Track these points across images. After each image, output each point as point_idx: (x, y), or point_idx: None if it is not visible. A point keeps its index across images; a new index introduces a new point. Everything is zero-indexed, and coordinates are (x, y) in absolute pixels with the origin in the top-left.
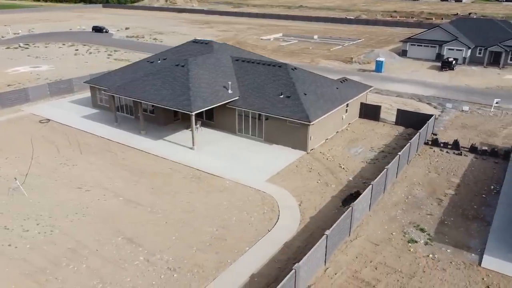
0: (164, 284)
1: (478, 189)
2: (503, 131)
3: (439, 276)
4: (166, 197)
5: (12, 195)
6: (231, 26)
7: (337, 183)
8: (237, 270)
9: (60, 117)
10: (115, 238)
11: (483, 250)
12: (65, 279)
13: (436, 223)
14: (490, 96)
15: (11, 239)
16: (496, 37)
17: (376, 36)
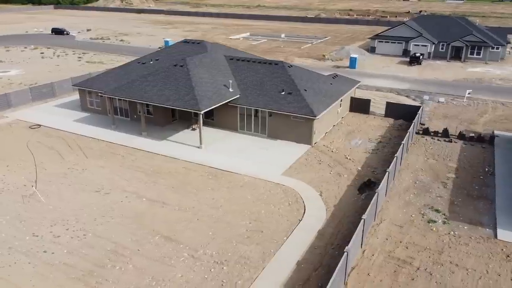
0: (216, 276)
1: (474, 171)
2: (480, 119)
3: (464, 250)
4: (190, 195)
5: (28, 201)
6: (195, 26)
7: (348, 173)
8: (282, 259)
9: (50, 122)
10: (153, 237)
11: (495, 225)
12: (116, 279)
13: (448, 204)
14: (458, 88)
15: (45, 245)
16: (457, 33)
17: (340, 34)
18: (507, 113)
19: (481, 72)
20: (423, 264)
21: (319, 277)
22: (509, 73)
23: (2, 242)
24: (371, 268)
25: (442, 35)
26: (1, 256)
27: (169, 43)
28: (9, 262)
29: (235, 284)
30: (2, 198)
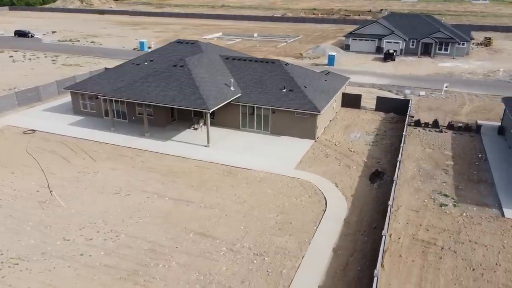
0: (260, 267)
1: (469, 158)
2: (462, 110)
3: (478, 229)
4: (211, 192)
5: (48, 207)
6: (164, 26)
7: (356, 164)
8: (318, 247)
9: (44, 127)
10: (187, 235)
11: (500, 205)
12: (163, 276)
13: (453, 189)
14: (433, 82)
15: (79, 249)
16: (425, 31)
17: (311, 32)
18: (484, 104)
19: (451, 66)
20: (446, 243)
21: (357, 261)
22: (475, 67)
23: (33, 248)
24: (401, 250)
25: (412, 32)
26: (37, 262)
27: (144, 44)
28: (47, 267)
29: (280, 273)
30: (18, 205)
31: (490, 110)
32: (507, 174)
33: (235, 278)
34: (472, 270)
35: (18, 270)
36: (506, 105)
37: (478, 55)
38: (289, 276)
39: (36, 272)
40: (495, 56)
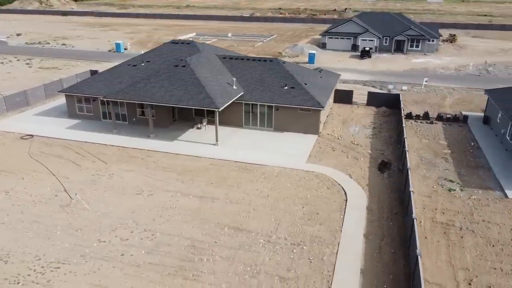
0: (301, 256)
1: (463, 146)
2: (445, 102)
3: (488, 210)
4: (233, 188)
5: (72, 211)
6: (134, 27)
7: (362, 156)
8: (350, 234)
9: (42, 131)
10: (222, 230)
11: (501, 188)
12: (211, 270)
13: (456, 175)
14: (411, 77)
15: (118, 249)
16: (397, 28)
17: (284, 32)
18: (463, 97)
19: (424, 62)
20: (463, 224)
21: (388, 245)
22: (446, 62)
23: (70, 251)
24: (425, 232)
25: (385, 30)
26: (79, 265)
27: (120, 45)
28: (91, 269)
29: (321, 259)
30: (39, 210)
31: (470, 102)
32: (500, 159)
33: (280, 267)
34: (492, 246)
35: (62, 273)
36: (490, 96)
37: (446, 51)
38: (330, 262)
39: (81, 275)
40: (462, 52)
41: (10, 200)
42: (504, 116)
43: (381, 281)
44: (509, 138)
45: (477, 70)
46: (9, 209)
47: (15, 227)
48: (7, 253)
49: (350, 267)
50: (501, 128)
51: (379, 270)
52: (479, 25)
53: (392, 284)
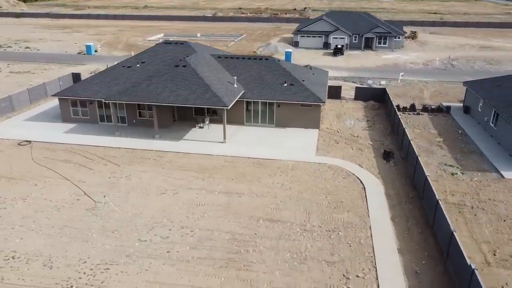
0: (339, 240)
1: (452, 134)
2: (423, 95)
3: (491, 190)
4: (255, 183)
5: (101, 214)
6: (98, 29)
7: (365, 147)
8: (377, 218)
9: (39, 137)
10: (257, 222)
11: (497, 170)
12: (260, 259)
13: (454, 160)
14: (384, 72)
15: (162, 247)
16: (366, 26)
17: (252, 31)
18: (438, 89)
19: (393, 58)
20: (473, 203)
21: (414, 226)
22: (413, 57)
23: (113, 253)
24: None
25: (354, 28)
26: (128, 264)
27: (91, 48)
28: (142, 267)
29: (359, 243)
30: (66, 215)
31: (445, 94)
32: (489, 144)
33: (324, 252)
34: (504, 221)
35: (113, 274)
36: (469, 88)
37: (410, 47)
38: (368, 244)
39: (133, 274)
40: (425, 48)
41: (30, 206)
42: (486, 104)
43: (418, 258)
44: (493, 125)
45: (443, 64)
46: (33, 215)
47: (47, 233)
48: (49, 259)
49: (387, 248)
50: (483, 116)
51: (413, 248)
52: (434, 22)
53: (428, 260)
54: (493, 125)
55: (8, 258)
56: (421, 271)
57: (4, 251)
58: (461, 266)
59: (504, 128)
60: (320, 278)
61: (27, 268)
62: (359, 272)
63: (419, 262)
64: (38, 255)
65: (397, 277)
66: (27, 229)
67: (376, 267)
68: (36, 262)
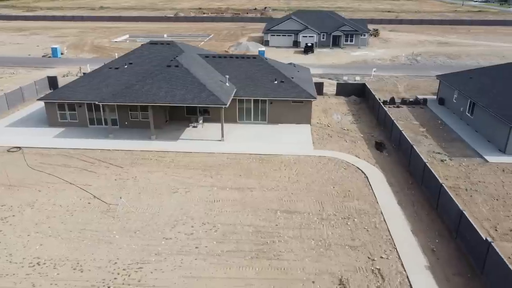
0: (356, 226)
1: (433, 125)
2: (398, 89)
3: (479, 173)
4: (263, 178)
5: (117, 216)
6: (58, 31)
7: (357, 139)
8: (386, 204)
9: (29, 143)
10: (275, 214)
11: (480, 155)
12: (288, 248)
13: (440, 148)
14: (355, 68)
15: (189, 243)
16: (333, 25)
17: (219, 31)
18: (410, 83)
19: (361, 55)
20: (466, 186)
21: (420, 208)
22: (380, 54)
23: (142, 252)
24: None
25: (322, 27)
26: (160, 262)
27: (57, 50)
28: (175, 264)
29: (375, 227)
30: (81, 219)
31: (417, 87)
32: (467, 132)
33: (345, 237)
34: (497, 200)
35: (148, 272)
36: (442, 81)
37: (375, 44)
38: (383, 228)
39: (168, 271)
40: (388, 44)
41: (40, 213)
42: (462, 96)
43: (431, 237)
44: (470, 115)
45: (408, 60)
46: (46, 221)
47: (66, 237)
48: (76, 262)
49: (402, 230)
50: (459, 106)
51: (424, 229)
52: (392, 20)
53: (440, 238)
54: (470, 115)
55: (33, 264)
56: (436, 249)
57: (26, 258)
58: (475, 242)
59: (480, 116)
60: (347, 261)
61: (56, 273)
62: (381, 254)
63: (432, 241)
64: (64, 259)
65: (417, 255)
66: (44, 235)
67: (396, 248)
68: (64, 267)
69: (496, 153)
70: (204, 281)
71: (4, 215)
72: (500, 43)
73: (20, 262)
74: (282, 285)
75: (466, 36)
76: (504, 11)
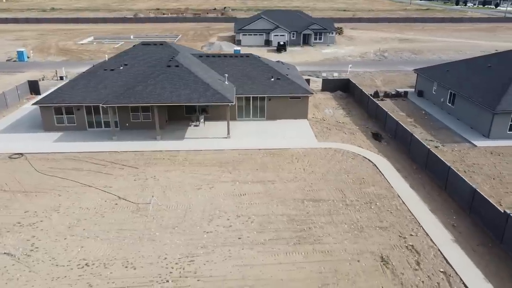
0: (379, 209)
1: (418, 115)
2: (376, 83)
3: (471, 156)
4: (279, 171)
5: (150, 214)
6: (15, 34)
7: (355, 131)
8: (400, 188)
9: (30, 149)
10: (302, 203)
11: (467, 140)
12: (326, 233)
13: (431, 136)
14: (328, 65)
15: (231, 235)
16: (302, 24)
17: (185, 31)
18: (385, 78)
19: (332, 52)
20: (464, 168)
21: (431, 190)
22: (349, 51)
23: (188, 246)
24: None
25: (292, 25)
26: (210, 254)
27: (24, 54)
28: (223, 254)
29: (397, 209)
30: (114, 220)
31: (393, 81)
32: (450, 120)
33: (373, 220)
34: (494, 179)
35: (201, 263)
36: (420, 74)
37: (342, 42)
38: (405, 209)
39: (220, 261)
40: (354, 42)
41: (68, 216)
42: (442, 87)
43: (448, 214)
44: (451, 104)
45: (376, 56)
46: (78, 224)
47: (106, 238)
48: (126, 260)
49: (421, 209)
50: (439, 97)
51: (439, 208)
52: (351, 18)
53: (457, 215)
54: (451, 104)
55: (82, 266)
56: (456, 224)
57: (72, 260)
58: (492, 215)
59: (461, 105)
60: (382, 241)
61: (109, 272)
62: (410, 232)
63: (451, 218)
64: (111, 259)
65: (441, 231)
66: (81, 237)
67: (422, 226)
68: (114, 266)
69: (481, 138)
70: (258, 268)
71: (31, 221)
72: (453, 39)
73: (67, 264)
74: (331, 266)
75: (422, 33)
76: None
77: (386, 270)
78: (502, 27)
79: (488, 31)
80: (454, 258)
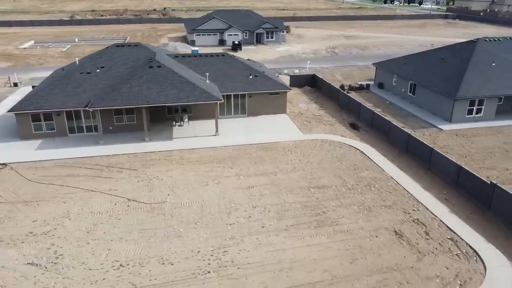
0: (380, 191)
1: (384, 105)
2: (337, 78)
3: (441, 138)
4: (277, 163)
5: (168, 213)
6: None
7: (333, 122)
8: (392, 171)
9: (12, 158)
10: (309, 190)
11: (433, 125)
12: (340, 215)
13: (400, 123)
14: (285, 63)
15: (253, 224)
16: (254, 23)
17: (132, 33)
18: (343, 72)
19: (285, 50)
20: (438, 149)
21: (418, 170)
22: (301, 48)
23: (216, 238)
24: None
25: (244, 25)
26: (240, 244)
27: None
28: (252, 243)
29: (395, 189)
30: (133, 221)
31: (351, 75)
32: (413, 108)
33: (376, 201)
34: (465, 158)
35: (235, 253)
36: (379, 67)
37: (292, 40)
38: (401, 188)
39: (252, 249)
40: (303, 40)
41: (83, 222)
42: (402, 78)
43: (439, 190)
44: (412, 94)
45: (328, 53)
46: (96, 228)
47: (131, 239)
48: (161, 257)
49: (415, 187)
50: (399, 88)
51: (429, 185)
52: (293, 17)
53: (446, 190)
54: (412, 94)
55: (117, 267)
56: (448, 198)
57: (104, 263)
58: (478, 187)
59: (422, 94)
60: (391, 217)
61: (147, 270)
62: (412, 208)
63: (442, 193)
64: (144, 257)
65: (437, 205)
66: (105, 240)
67: (420, 202)
68: (150, 264)
69: (444, 123)
70: (290, 251)
71: (43, 230)
72: (392, 35)
73: (100, 268)
74: (354, 243)
75: (362, 30)
76: (378, 7)
77: (403, 241)
78: (430, 23)
79: (419, 27)
80: (455, 226)
